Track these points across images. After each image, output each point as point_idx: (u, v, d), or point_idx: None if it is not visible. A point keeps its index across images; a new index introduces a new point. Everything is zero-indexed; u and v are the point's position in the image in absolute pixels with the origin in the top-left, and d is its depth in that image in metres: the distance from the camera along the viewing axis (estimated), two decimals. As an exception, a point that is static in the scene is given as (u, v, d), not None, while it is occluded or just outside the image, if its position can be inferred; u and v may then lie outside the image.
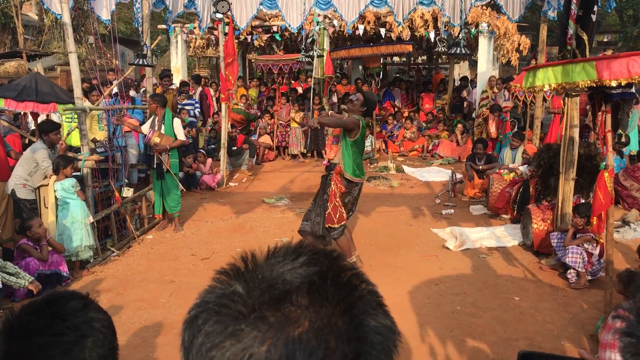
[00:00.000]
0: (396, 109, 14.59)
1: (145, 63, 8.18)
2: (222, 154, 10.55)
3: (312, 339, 0.61)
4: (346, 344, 0.62)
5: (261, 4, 10.00)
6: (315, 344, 0.61)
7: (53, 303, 0.94)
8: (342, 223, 5.87)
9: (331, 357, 0.61)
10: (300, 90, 14.36)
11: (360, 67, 17.58)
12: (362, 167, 5.92)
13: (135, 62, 8.36)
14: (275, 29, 13.78)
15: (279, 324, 0.62)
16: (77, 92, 6.63)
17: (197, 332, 0.66)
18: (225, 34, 9.98)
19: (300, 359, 0.60)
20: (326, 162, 6.06)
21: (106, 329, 0.97)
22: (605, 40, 28.59)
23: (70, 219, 6.16)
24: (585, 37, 5.41)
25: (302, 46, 12.00)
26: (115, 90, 8.76)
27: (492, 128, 11.65)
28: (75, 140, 7.74)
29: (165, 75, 9.99)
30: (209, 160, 10.57)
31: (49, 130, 6.55)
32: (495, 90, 12.48)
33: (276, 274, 0.68)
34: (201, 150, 10.77)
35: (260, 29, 14.02)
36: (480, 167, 9.24)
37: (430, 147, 13.32)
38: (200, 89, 12.40)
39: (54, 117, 7.80)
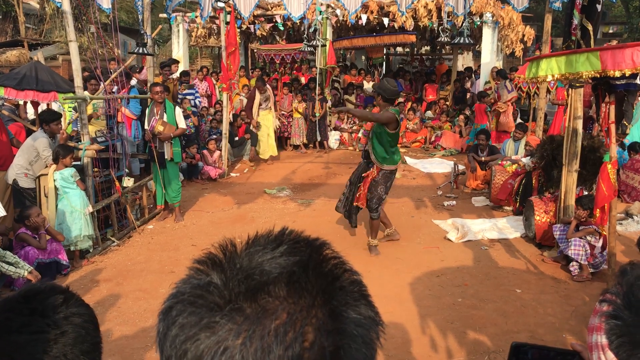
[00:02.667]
0: (400, 100, 14.52)
1: (146, 52, 8.13)
2: (224, 144, 10.52)
3: (289, 331, 0.58)
4: (325, 337, 0.59)
5: (263, -8, 9.94)
6: (292, 337, 0.58)
7: (31, 299, 0.91)
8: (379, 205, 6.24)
9: (309, 351, 0.58)
10: (303, 80, 14.30)
11: (363, 57, 17.53)
12: (394, 153, 6.15)
13: (136, 51, 8.31)
14: (277, 18, 13.70)
15: (255, 315, 0.60)
16: (78, 81, 6.59)
17: (171, 324, 0.63)
18: (227, 23, 9.92)
19: (277, 352, 0.57)
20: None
21: (88, 324, 0.94)
22: (610, 31, 28.45)
23: (70, 208, 6.14)
24: (590, 28, 5.34)
25: (305, 36, 11.95)
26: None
27: (509, 119, 11.52)
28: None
29: (166, 64, 9.94)
30: (218, 152, 10.49)
31: (50, 119, 6.52)
32: (497, 82, 12.40)
33: (255, 264, 0.65)
34: (213, 137, 10.71)
35: (262, 18, 13.95)
36: (483, 158, 9.19)
37: (432, 139, 13.26)
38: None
39: (54, 107, 7.77)
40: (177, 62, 10.97)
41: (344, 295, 0.64)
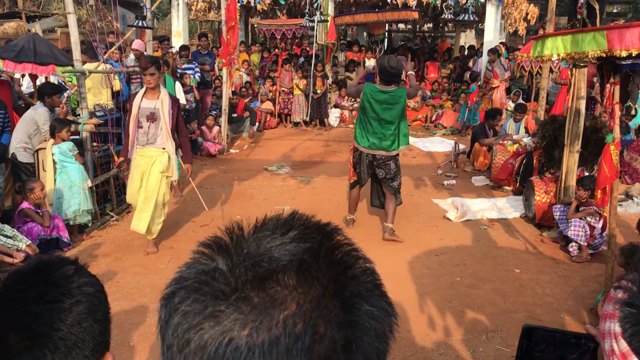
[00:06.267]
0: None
1: (145, 25, 8.01)
2: (224, 120, 10.44)
3: (298, 323, 0.55)
4: (336, 330, 0.56)
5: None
6: (302, 329, 0.55)
7: (43, 270, 0.91)
8: (351, 180, 6.26)
9: (319, 344, 0.55)
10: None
11: (365, 33, 17.36)
12: (365, 135, 5.88)
13: (135, 25, 8.19)
14: (278, -8, 13.53)
15: (263, 305, 0.56)
16: (76, 54, 6.51)
17: (173, 311, 0.60)
18: (228, -3, 9.78)
19: (285, 344, 0.54)
20: None
21: (100, 294, 0.95)
22: (614, 11, 28.09)
23: (69, 182, 6.11)
24: (596, 6, 5.27)
25: (306, 11, 11.80)
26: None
27: (502, 97, 11.44)
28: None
29: (165, 38, 9.82)
30: (217, 128, 10.42)
31: (52, 92, 6.46)
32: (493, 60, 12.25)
33: (263, 250, 0.61)
34: (212, 113, 10.61)
35: (263, -7, 13.77)
36: (484, 142, 8.97)
37: (433, 117, 13.19)
38: None
39: (52, 79, 7.68)
40: (168, 38, 10.78)
41: (356, 286, 0.60)
